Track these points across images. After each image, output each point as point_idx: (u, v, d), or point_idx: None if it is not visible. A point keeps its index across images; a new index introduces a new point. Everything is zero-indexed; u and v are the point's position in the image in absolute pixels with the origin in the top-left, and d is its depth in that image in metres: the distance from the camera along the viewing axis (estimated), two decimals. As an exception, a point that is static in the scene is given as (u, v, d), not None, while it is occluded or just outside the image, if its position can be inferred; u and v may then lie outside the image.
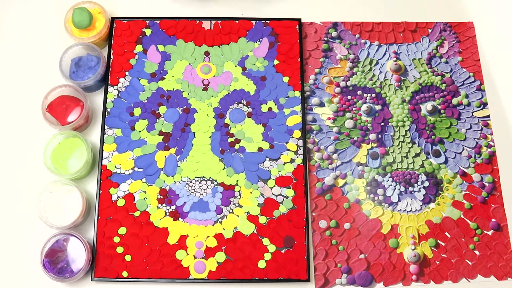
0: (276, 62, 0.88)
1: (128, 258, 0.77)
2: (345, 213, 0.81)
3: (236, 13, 0.92)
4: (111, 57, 0.87)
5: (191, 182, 0.81)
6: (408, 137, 0.85)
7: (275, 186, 0.81)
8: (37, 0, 0.93)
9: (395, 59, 0.90)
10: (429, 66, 0.89)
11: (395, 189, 0.83)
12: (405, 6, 0.94)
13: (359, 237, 0.80)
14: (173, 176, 0.81)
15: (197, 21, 0.90)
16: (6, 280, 0.78)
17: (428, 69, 0.89)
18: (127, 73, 0.87)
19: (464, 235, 0.81)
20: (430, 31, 0.92)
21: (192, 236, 0.79)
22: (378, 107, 0.87)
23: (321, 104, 0.87)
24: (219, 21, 0.90)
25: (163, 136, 0.83)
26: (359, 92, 0.87)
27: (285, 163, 0.82)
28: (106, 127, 0.83)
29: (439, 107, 0.87)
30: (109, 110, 0.84)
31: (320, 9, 0.93)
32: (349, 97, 0.87)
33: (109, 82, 0.86)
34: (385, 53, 0.90)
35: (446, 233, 0.81)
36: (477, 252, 0.80)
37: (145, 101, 0.85)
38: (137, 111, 0.85)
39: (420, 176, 0.83)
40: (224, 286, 0.78)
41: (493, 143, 0.86)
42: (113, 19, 0.89)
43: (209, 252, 0.78)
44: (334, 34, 0.91)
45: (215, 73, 0.87)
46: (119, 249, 0.78)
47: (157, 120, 0.84)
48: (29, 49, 0.90)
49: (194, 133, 0.84)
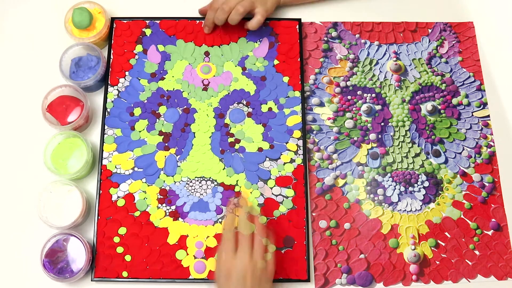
0: (276, 62, 0.88)
1: (128, 258, 0.77)
2: (345, 213, 0.81)
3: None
4: (111, 57, 0.87)
5: (191, 182, 0.81)
6: (408, 137, 0.85)
7: (275, 186, 0.81)
8: (37, 0, 0.93)
9: (395, 59, 0.90)
10: (429, 66, 0.89)
11: (395, 189, 0.83)
12: (405, 6, 0.94)
13: (359, 237, 0.80)
14: (173, 176, 0.81)
15: (197, 21, 0.90)
16: (6, 280, 0.78)
17: (428, 69, 0.89)
18: (127, 73, 0.87)
19: (464, 235, 0.81)
20: (430, 31, 0.92)
21: (192, 236, 0.79)
22: (378, 107, 0.87)
23: (321, 104, 0.87)
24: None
25: (163, 136, 0.83)
26: (359, 92, 0.87)
27: (285, 163, 0.82)
28: (106, 127, 0.83)
29: (439, 107, 0.87)
30: (109, 110, 0.84)
31: (320, 9, 0.93)
32: (349, 97, 0.87)
33: (109, 82, 0.86)
34: (385, 53, 0.90)
35: (446, 233, 0.81)
36: (477, 252, 0.80)
37: (145, 101, 0.85)
38: (137, 111, 0.85)
39: (420, 176, 0.83)
40: (224, 286, 0.78)
41: (493, 143, 0.86)
42: (113, 19, 0.89)
43: (209, 252, 0.78)
44: (334, 34, 0.91)
45: (215, 73, 0.87)
46: (119, 249, 0.78)
47: (157, 120, 0.84)
48: (29, 49, 0.90)
49: (194, 133, 0.84)
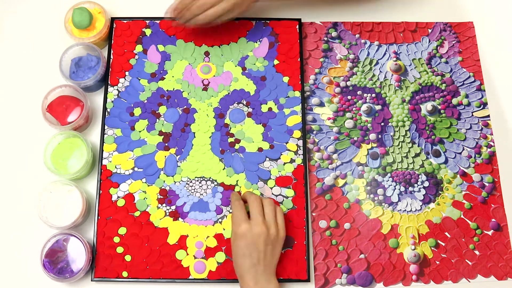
0: (276, 62, 0.88)
1: (128, 258, 0.77)
2: (345, 213, 0.81)
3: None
4: (111, 57, 0.87)
5: (191, 182, 0.81)
6: (408, 137, 0.85)
7: (275, 186, 0.81)
8: (37, 0, 0.93)
9: (395, 59, 0.90)
10: (429, 66, 0.89)
11: (395, 189, 0.83)
12: (405, 6, 0.94)
13: (359, 237, 0.80)
14: (173, 176, 0.81)
15: (197, 21, 0.90)
16: (6, 280, 0.78)
17: (428, 69, 0.89)
18: (127, 73, 0.87)
19: (464, 235, 0.81)
20: (430, 31, 0.92)
21: (192, 236, 0.79)
22: (378, 107, 0.87)
23: (321, 104, 0.87)
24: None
25: (163, 136, 0.83)
26: (359, 92, 0.87)
27: (285, 163, 0.82)
28: (106, 127, 0.83)
29: (439, 107, 0.87)
30: (109, 110, 0.84)
31: (320, 9, 0.93)
32: (349, 97, 0.87)
33: (109, 82, 0.86)
34: (385, 53, 0.90)
35: (446, 233, 0.81)
36: (477, 252, 0.80)
37: (145, 101, 0.85)
38: (137, 111, 0.85)
39: (420, 176, 0.83)
40: (224, 286, 0.78)
41: (493, 143, 0.86)
42: (113, 19, 0.89)
43: (209, 252, 0.78)
44: (334, 34, 0.91)
45: (215, 73, 0.87)
46: (119, 249, 0.78)
47: (157, 120, 0.84)
48: (29, 49, 0.90)
49: (194, 133, 0.84)
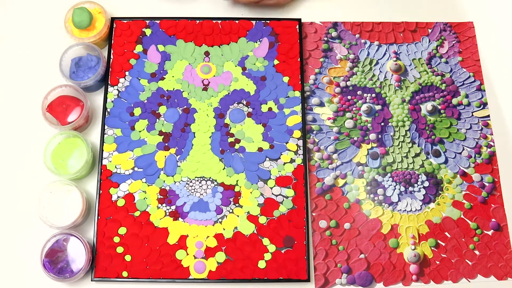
0: (276, 62, 0.88)
1: (128, 258, 0.77)
2: (345, 213, 0.81)
3: (236, 13, 0.92)
4: (111, 57, 0.87)
5: (191, 182, 0.81)
6: (408, 137, 0.85)
7: (275, 186, 0.81)
8: (37, 0, 0.93)
9: (395, 59, 0.90)
10: (429, 66, 0.89)
11: (395, 189, 0.83)
12: (405, 6, 0.94)
13: (359, 237, 0.80)
14: (173, 176, 0.81)
15: (197, 21, 0.90)
16: (6, 280, 0.78)
17: (428, 69, 0.89)
18: (127, 73, 0.87)
19: (464, 235, 0.81)
20: (430, 31, 0.92)
21: (192, 236, 0.79)
22: (378, 107, 0.87)
23: (321, 104, 0.87)
24: (219, 21, 0.90)
25: (163, 136, 0.83)
26: (359, 92, 0.87)
27: (285, 163, 0.82)
28: (106, 127, 0.83)
29: (439, 107, 0.87)
30: (109, 110, 0.84)
31: (320, 9, 0.93)
32: (349, 97, 0.87)
33: (109, 82, 0.86)
34: (385, 53, 0.90)
35: (446, 233, 0.81)
36: (477, 252, 0.80)
37: (145, 101, 0.85)
38: (137, 111, 0.85)
39: (420, 176, 0.83)
40: (224, 286, 0.78)
41: (493, 143, 0.86)
42: (113, 19, 0.89)
43: (209, 252, 0.78)
44: (334, 34, 0.91)
45: (215, 73, 0.87)
46: (119, 249, 0.78)
47: (157, 120, 0.84)
48: (29, 49, 0.89)
49: (194, 133, 0.84)
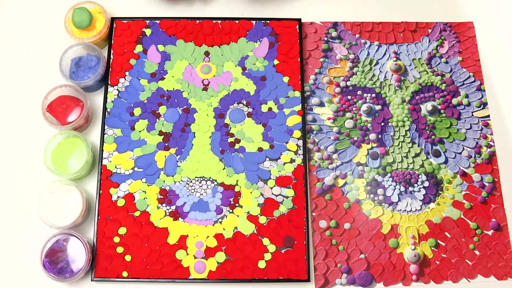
0: (276, 62, 0.88)
1: (128, 258, 0.77)
2: (345, 213, 0.81)
3: (236, 13, 0.92)
4: (111, 57, 0.87)
5: (191, 182, 0.81)
6: (408, 137, 0.85)
7: (275, 186, 0.81)
8: (37, 0, 0.93)
9: (395, 59, 0.90)
10: (429, 66, 0.89)
11: (395, 189, 0.83)
12: (405, 6, 0.94)
13: (359, 237, 0.80)
14: (173, 176, 0.81)
15: (197, 21, 0.90)
16: (6, 280, 0.78)
17: (428, 69, 0.89)
18: (127, 73, 0.87)
19: (464, 235, 0.81)
20: (430, 31, 0.92)
21: (192, 236, 0.79)
22: (378, 107, 0.87)
23: (321, 104, 0.87)
24: (219, 21, 0.90)
25: (163, 136, 0.83)
26: (359, 92, 0.87)
27: (285, 163, 0.82)
28: (106, 127, 0.83)
29: (439, 107, 0.87)
30: (109, 110, 0.84)
31: (320, 9, 0.93)
32: (349, 97, 0.87)
33: (109, 82, 0.86)
34: (385, 53, 0.90)
35: (446, 233, 0.81)
36: (477, 252, 0.80)
37: (145, 101, 0.85)
38: (137, 111, 0.85)
39: (420, 176, 0.83)
40: (224, 286, 0.78)
41: (493, 143, 0.86)
42: (113, 19, 0.89)
43: (209, 252, 0.78)
44: (334, 34, 0.91)
45: (215, 73, 0.87)
46: (119, 249, 0.78)
47: (157, 120, 0.84)
48: (29, 49, 0.89)
49: (194, 133, 0.84)
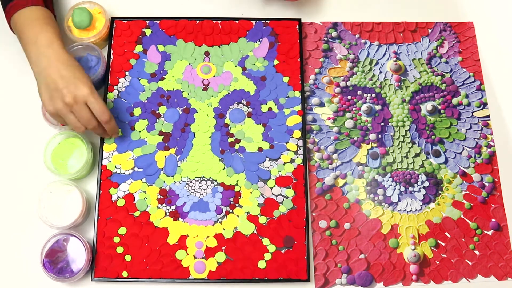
0: (276, 62, 0.88)
1: (128, 258, 0.77)
2: (345, 213, 0.81)
3: (236, 13, 0.92)
4: (111, 57, 0.87)
5: (191, 182, 0.81)
6: (408, 137, 0.85)
7: (275, 186, 0.81)
8: (37, 0, 0.93)
9: (395, 59, 0.90)
10: (429, 66, 0.89)
11: (395, 189, 0.83)
12: (405, 6, 0.94)
13: (359, 237, 0.80)
14: (173, 176, 0.81)
15: (197, 21, 0.90)
16: (6, 280, 0.78)
17: (428, 69, 0.89)
18: (127, 73, 0.87)
19: (464, 235, 0.81)
20: (430, 31, 0.92)
21: (192, 236, 0.79)
22: (378, 107, 0.87)
23: (321, 104, 0.87)
24: (219, 21, 0.90)
25: (163, 136, 0.83)
26: (359, 92, 0.87)
27: (285, 163, 0.82)
28: (106, 127, 0.83)
29: (439, 107, 0.87)
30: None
31: (320, 9, 0.93)
32: (349, 97, 0.87)
33: (109, 82, 0.86)
34: (385, 53, 0.90)
35: (446, 233, 0.81)
36: (477, 252, 0.80)
37: (145, 101, 0.85)
38: (137, 111, 0.85)
39: (420, 176, 0.83)
40: (224, 286, 0.78)
41: (493, 143, 0.86)
42: (113, 19, 0.89)
43: (209, 252, 0.78)
44: (334, 34, 0.91)
45: (215, 73, 0.87)
46: (119, 249, 0.78)
47: (157, 120, 0.84)
48: (29, 49, 0.89)
49: (194, 133, 0.84)
